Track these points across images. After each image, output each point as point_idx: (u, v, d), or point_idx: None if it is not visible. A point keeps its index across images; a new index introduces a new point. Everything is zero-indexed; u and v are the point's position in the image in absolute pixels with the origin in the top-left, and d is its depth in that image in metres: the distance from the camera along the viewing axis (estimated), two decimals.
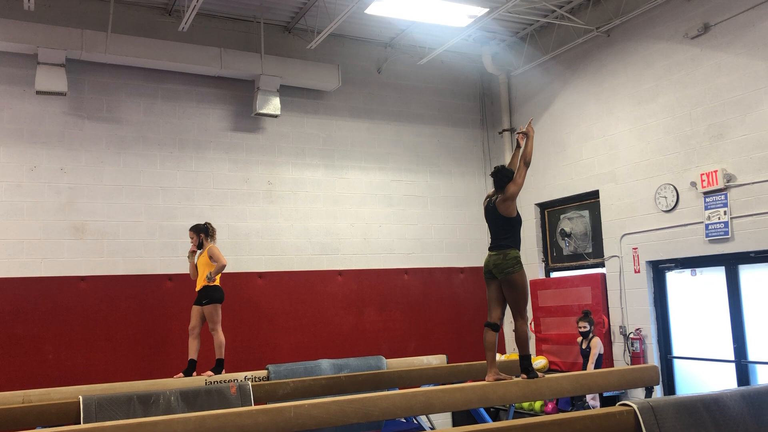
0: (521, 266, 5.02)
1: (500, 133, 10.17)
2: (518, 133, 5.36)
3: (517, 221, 5.17)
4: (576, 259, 9.13)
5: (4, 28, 7.25)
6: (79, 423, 4.57)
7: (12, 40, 7.30)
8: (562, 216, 9.33)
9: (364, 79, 9.56)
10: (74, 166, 7.74)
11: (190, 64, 8.21)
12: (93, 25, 7.70)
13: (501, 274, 4.98)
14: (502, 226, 5.12)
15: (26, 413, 4.75)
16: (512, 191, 5.08)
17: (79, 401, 4.70)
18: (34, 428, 4.79)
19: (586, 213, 8.97)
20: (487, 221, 5.32)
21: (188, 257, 6.90)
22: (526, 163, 5.14)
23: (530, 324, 9.46)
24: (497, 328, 5.05)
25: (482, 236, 10.12)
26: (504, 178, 5.17)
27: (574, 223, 9.10)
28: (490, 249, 5.16)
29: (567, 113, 9.15)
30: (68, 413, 4.70)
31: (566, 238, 9.16)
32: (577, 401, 7.64)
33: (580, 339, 7.99)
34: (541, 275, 9.61)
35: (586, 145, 8.82)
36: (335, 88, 9.10)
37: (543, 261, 9.65)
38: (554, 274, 9.56)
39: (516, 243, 5.11)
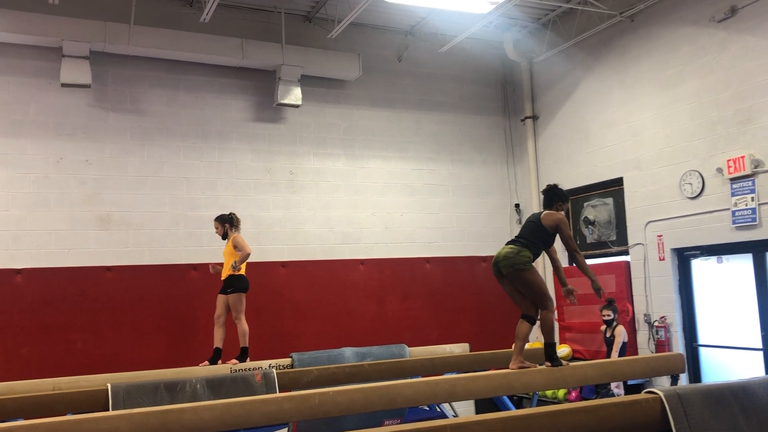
0: (532, 266, 4.98)
1: (522, 120, 10.09)
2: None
3: (548, 235, 5.11)
4: (600, 247, 9.05)
5: (29, 22, 7.34)
6: (108, 410, 4.64)
7: (37, 34, 7.40)
8: (585, 204, 9.25)
9: (384, 67, 9.53)
10: (99, 157, 7.84)
11: (211, 55, 8.25)
12: (116, 18, 7.76)
13: (508, 268, 4.93)
14: (534, 230, 5.09)
15: (56, 400, 4.84)
16: (559, 227, 5.07)
17: (107, 389, 4.77)
18: (64, 415, 4.88)
19: (609, 200, 8.88)
20: (522, 225, 5.33)
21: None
22: (576, 257, 5.20)
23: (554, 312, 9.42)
24: (533, 321, 5.03)
25: (504, 225, 10.09)
26: (554, 197, 5.20)
27: (597, 210, 9.02)
28: (507, 243, 5.12)
29: (590, 100, 9.05)
30: (97, 400, 4.78)
31: (590, 226, 9.09)
32: (601, 389, 7.60)
33: (603, 327, 7.93)
34: (565, 264, 9.50)
35: (610, 132, 8.72)
36: (356, 78, 9.09)
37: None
38: None
39: (534, 249, 5.04)
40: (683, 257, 7.81)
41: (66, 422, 3.37)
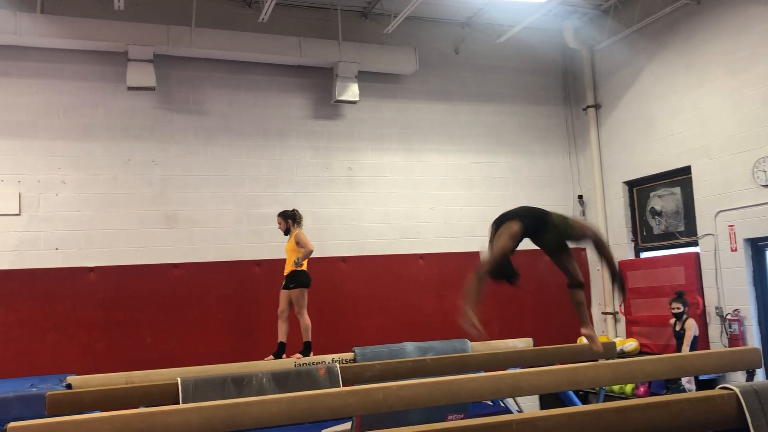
0: None
1: (584, 109, 9.87)
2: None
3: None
4: (667, 239, 8.78)
5: (97, 29, 7.61)
6: (179, 403, 4.77)
7: (104, 39, 7.66)
8: (651, 194, 8.98)
9: (441, 60, 9.47)
10: (165, 158, 8.07)
11: (270, 54, 8.38)
12: (177, 21, 7.96)
13: (572, 229, 5.05)
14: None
15: (129, 393, 4.99)
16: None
17: (177, 382, 4.90)
18: (137, 407, 5.05)
19: (677, 190, 8.59)
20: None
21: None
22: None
23: (620, 306, 9.20)
24: (581, 284, 5.21)
25: None
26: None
27: (664, 200, 8.74)
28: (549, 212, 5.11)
29: (654, 87, 8.77)
30: (168, 394, 4.91)
31: (657, 217, 8.82)
32: (671, 384, 7.37)
33: (673, 321, 7.69)
34: (631, 256, 9.29)
35: (676, 120, 8.44)
36: (412, 72, 9.06)
37: (632, 241, 9.32)
38: (644, 255, 9.23)
39: None
40: (757, 247, 7.49)
41: (140, 414, 3.47)
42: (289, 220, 6.98)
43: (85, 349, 7.40)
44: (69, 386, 5.58)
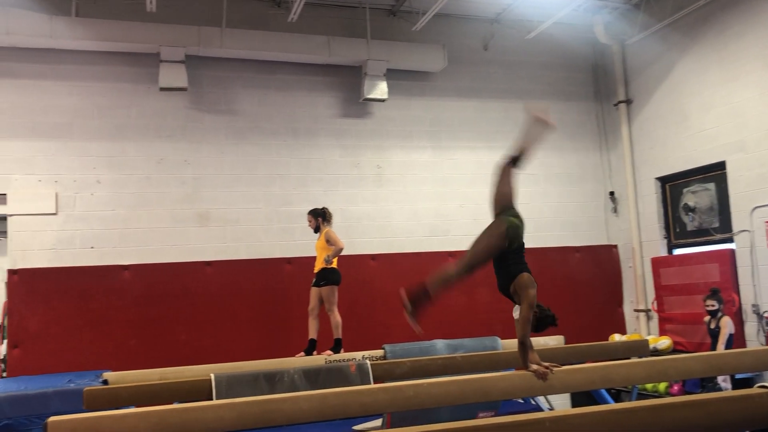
0: None
1: (615, 105, 9.75)
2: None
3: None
4: (701, 235, 8.64)
5: (130, 31, 7.74)
6: (212, 399, 4.84)
7: (137, 41, 7.79)
8: (685, 190, 8.83)
9: (470, 57, 9.43)
10: (197, 157, 8.17)
11: (299, 54, 8.43)
12: (208, 22, 8.05)
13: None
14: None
15: (164, 389, 5.08)
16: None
17: (210, 379, 4.97)
18: (171, 403, 5.13)
19: (711, 186, 8.45)
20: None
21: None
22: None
23: (652, 303, 9.08)
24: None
25: (598, 213, 9.81)
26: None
27: (698, 196, 8.60)
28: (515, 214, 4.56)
29: (687, 81, 8.62)
30: (201, 390, 4.99)
31: (690, 213, 8.67)
32: (707, 383, 7.25)
33: (707, 318, 7.56)
34: (664, 252, 9.16)
35: (709, 114, 8.29)
36: (441, 69, 9.04)
37: (665, 238, 9.19)
38: (677, 251, 9.09)
39: None
40: None
41: (175, 410, 3.54)
42: (319, 218, 7.03)
43: (120, 345, 7.54)
44: (105, 382, 5.70)
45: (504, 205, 4.40)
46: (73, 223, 7.66)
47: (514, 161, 4.36)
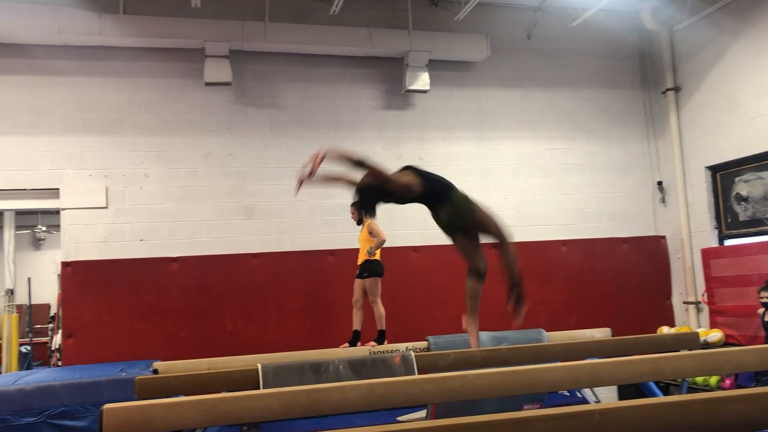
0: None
1: (663, 92, 9.52)
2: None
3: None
4: (754, 225, 8.38)
5: (175, 27, 7.87)
6: (259, 388, 4.91)
7: (183, 37, 7.92)
8: (737, 179, 8.58)
9: (513, 46, 9.32)
10: (242, 151, 8.28)
11: (341, 47, 8.45)
12: (251, 16, 8.13)
13: (470, 212, 4.53)
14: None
15: (213, 379, 5.17)
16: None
17: (257, 369, 5.04)
18: (219, 392, 5.23)
19: (765, 174, 8.19)
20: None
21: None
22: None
23: (703, 295, 8.87)
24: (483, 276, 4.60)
25: (646, 204, 9.61)
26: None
27: (751, 185, 8.35)
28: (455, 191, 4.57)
29: (739, 67, 8.36)
30: (249, 379, 5.05)
31: (742, 203, 8.43)
32: (762, 377, 7.05)
33: (761, 311, 7.35)
34: (714, 243, 8.93)
35: (764, 101, 8.02)
36: (484, 59, 8.96)
37: (716, 228, 8.95)
38: (728, 242, 8.85)
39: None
40: None
41: (224, 398, 3.60)
42: (362, 210, 7.05)
43: (169, 336, 7.71)
44: (155, 371, 5.85)
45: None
46: (122, 216, 7.85)
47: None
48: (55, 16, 7.47)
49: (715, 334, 8.27)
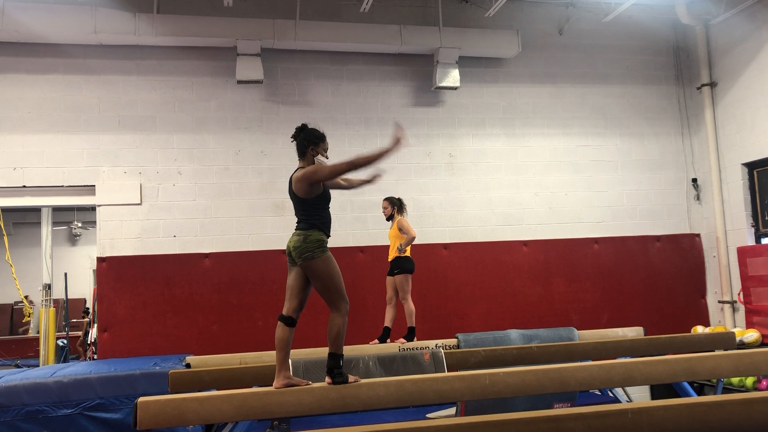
0: (325, 251, 4.25)
1: (698, 88, 9.35)
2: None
3: (315, 201, 4.32)
4: None
5: (208, 26, 7.97)
6: None
7: (215, 36, 8.01)
8: None
9: (544, 42, 9.24)
10: (272, 148, 8.34)
11: (371, 44, 8.46)
12: (282, 14, 8.19)
13: (299, 259, 4.22)
14: (298, 204, 4.31)
15: (244, 373, 5.25)
16: (310, 183, 4.22)
17: (288, 364, 5.08)
18: (250, 386, 5.29)
19: None
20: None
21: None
22: (354, 165, 4.26)
23: (738, 294, 8.69)
24: (292, 322, 4.40)
25: (680, 201, 9.46)
26: (304, 143, 4.31)
27: None
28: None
29: None
30: None
31: None
32: None
33: None
34: (751, 242, 8.75)
35: None
36: (515, 55, 8.90)
37: (753, 226, 8.77)
38: (765, 240, 8.67)
39: (320, 225, 4.30)
40: None
41: (256, 393, 3.65)
42: (395, 206, 7.07)
43: (202, 330, 7.81)
44: (188, 365, 5.93)
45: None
46: (156, 212, 7.98)
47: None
48: (91, 15, 7.62)
49: (752, 334, 8.11)
